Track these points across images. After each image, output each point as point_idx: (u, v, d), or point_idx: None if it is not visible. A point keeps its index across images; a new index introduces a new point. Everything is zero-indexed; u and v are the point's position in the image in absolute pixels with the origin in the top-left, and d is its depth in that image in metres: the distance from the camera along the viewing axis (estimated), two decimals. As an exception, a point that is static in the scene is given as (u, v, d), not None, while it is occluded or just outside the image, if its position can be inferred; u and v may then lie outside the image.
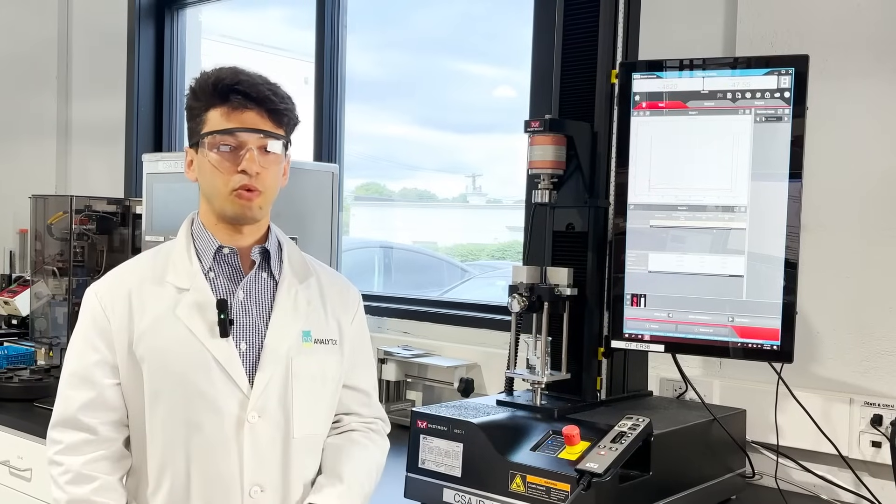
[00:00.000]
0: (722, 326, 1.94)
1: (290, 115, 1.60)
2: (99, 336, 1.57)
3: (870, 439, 2.12)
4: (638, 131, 2.00)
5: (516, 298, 2.00)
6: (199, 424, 1.54)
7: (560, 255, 2.10)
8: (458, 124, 3.76)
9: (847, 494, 2.15)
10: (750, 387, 2.25)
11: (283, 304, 1.62)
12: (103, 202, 3.41)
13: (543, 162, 2.03)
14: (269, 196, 1.59)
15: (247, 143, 1.54)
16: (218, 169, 1.54)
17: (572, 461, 1.72)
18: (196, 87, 1.58)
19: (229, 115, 1.54)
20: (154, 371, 1.54)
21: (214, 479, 1.54)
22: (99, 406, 1.57)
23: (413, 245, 4.19)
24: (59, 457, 1.57)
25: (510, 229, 3.69)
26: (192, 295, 1.57)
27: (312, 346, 1.62)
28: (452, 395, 2.71)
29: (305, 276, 1.67)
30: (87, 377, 1.57)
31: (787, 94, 1.88)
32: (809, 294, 2.11)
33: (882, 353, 2.15)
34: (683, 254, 1.97)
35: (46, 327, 3.41)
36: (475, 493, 1.84)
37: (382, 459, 1.74)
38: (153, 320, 1.56)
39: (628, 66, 2.03)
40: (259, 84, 1.56)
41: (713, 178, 1.94)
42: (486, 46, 3.56)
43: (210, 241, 1.61)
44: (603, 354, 2.07)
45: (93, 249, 3.36)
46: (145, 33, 4.19)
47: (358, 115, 3.64)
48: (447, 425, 1.90)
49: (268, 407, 1.57)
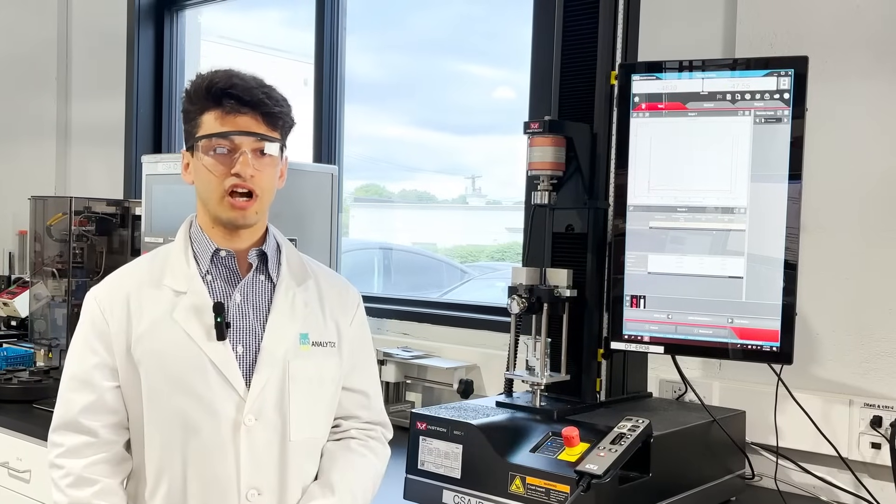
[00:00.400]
0: (721, 328, 1.94)
1: (285, 117, 1.60)
2: (98, 339, 1.58)
3: (869, 441, 2.12)
4: (637, 132, 1.99)
5: (516, 300, 2.00)
6: (195, 427, 1.54)
7: (559, 257, 2.10)
8: (458, 126, 3.76)
9: (847, 496, 2.15)
10: (749, 388, 2.25)
11: (280, 307, 1.61)
12: (103, 203, 3.41)
13: (543, 163, 2.03)
14: (265, 200, 1.59)
15: (241, 146, 1.54)
16: (212, 172, 1.54)
17: (572, 462, 1.72)
18: (191, 91, 1.57)
19: (223, 118, 1.54)
20: (151, 374, 1.55)
21: (211, 482, 1.54)
22: (99, 409, 1.57)
23: (413, 246, 4.19)
24: (60, 460, 1.57)
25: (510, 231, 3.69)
26: (189, 298, 1.57)
27: (310, 349, 1.62)
28: (452, 397, 2.71)
29: (303, 278, 1.67)
30: (88, 380, 1.57)
31: (787, 96, 1.88)
32: (809, 295, 2.11)
33: (882, 355, 2.15)
34: (683, 255, 1.97)
35: (46, 329, 3.40)
36: (475, 494, 1.83)
37: (381, 468, 1.73)
38: (151, 323, 1.56)
39: (628, 67, 2.03)
40: (253, 87, 1.55)
41: (713, 179, 1.94)
42: (486, 47, 3.56)
43: (207, 243, 1.61)
44: (602, 356, 2.07)
45: (92, 251, 3.36)
46: (145, 34, 4.19)
47: (357, 116, 3.64)
48: (447, 427, 1.90)
49: (264, 410, 1.56)
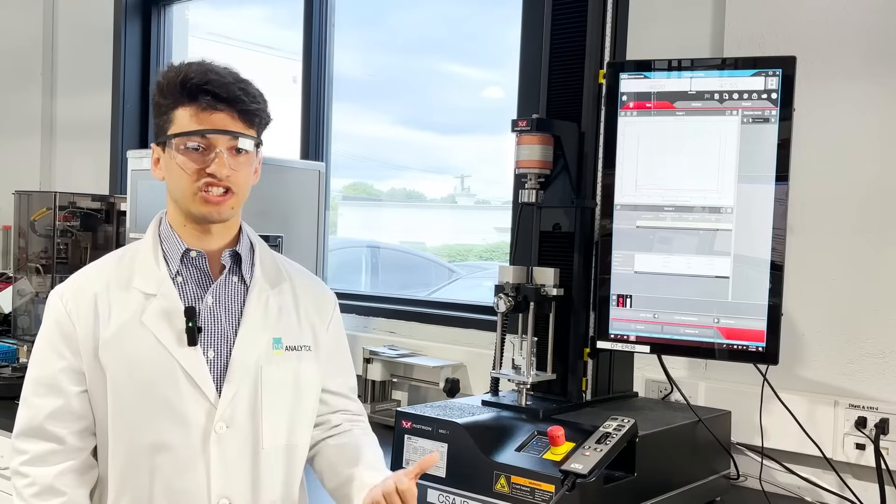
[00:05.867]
0: (707, 328, 1.94)
1: (262, 114, 1.54)
2: (64, 342, 1.50)
3: (854, 441, 2.12)
4: (625, 131, 1.99)
5: (502, 298, 1.99)
6: (164, 435, 1.47)
7: (546, 256, 2.09)
8: (446, 125, 3.76)
9: (831, 497, 2.15)
10: (735, 388, 2.25)
11: (252, 312, 1.56)
12: (87, 199, 3.39)
13: (530, 161, 2.03)
14: (241, 197, 1.53)
15: (216, 144, 1.48)
16: (185, 170, 1.48)
17: (557, 462, 1.72)
18: (163, 84, 1.50)
19: (198, 115, 1.47)
20: (119, 379, 1.48)
21: (179, 493, 1.49)
22: (66, 415, 1.50)
23: (400, 245, 4.18)
24: (25, 468, 1.49)
25: (498, 230, 3.69)
26: (159, 301, 1.51)
27: (284, 354, 1.57)
28: (438, 396, 2.70)
29: (278, 280, 1.62)
30: (54, 385, 1.50)
31: (775, 96, 1.88)
32: (795, 296, 2.11)
33: (867, 356, 2.16)
34: (670, 255, 1.97)
35: (29, 325, 3.39)
36: (459, 493, 1.83)
37: None
38: (119, 327, 1.49)
39: (616, 66, 2.03)
40: (230, 83, 1.49)
41: (700, 178, 1.94)
42: (474, 47, 3.55)
43: (177, 243, 1.55)
44: (588, 355, 2.07)
45: (76, 246, 3.34)
46: (131, 30, 4.17)
47: (346, 114, 3.63)
48: (432, 425, 1.89)
49: (236, 417, 1.51)
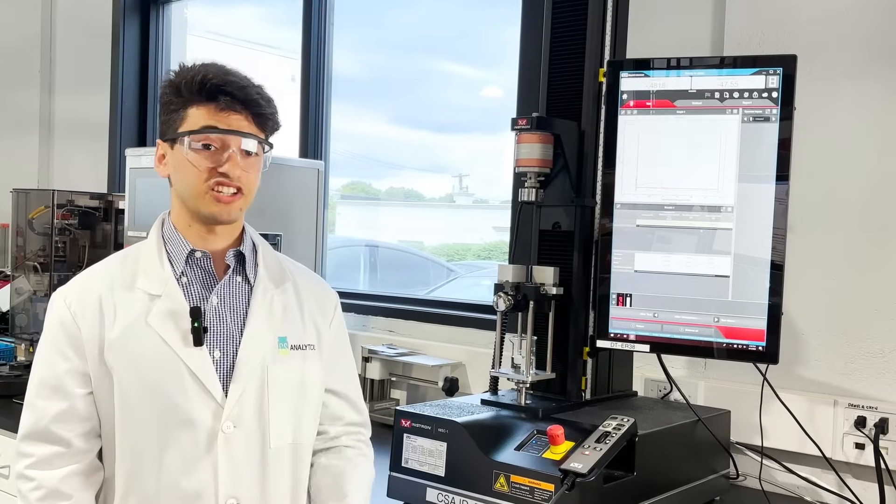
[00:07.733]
0: (707, 327, 1.93)
1: (274, 119, 1.56)
2: (69, 344, 1.49)
3: (853, 441, 2.12)
4: (625, 130, 1.99)
5: (502, 297, 1.99)
6: (171, 435, 1.47)
7: (546, 254, 2.09)
8: (444, 124, 3.75)
9: (830, 496, 2.15)
10: (734, 388, 2.25)
11: (257, 311, 1.57)
12: (86, 197, 3.38)
13: (530, 160, 2.03)
14: (249, 198, 1.55)
15: (230, 145, 1.50)
16: (196, 167, 1.49)
17: (556, 461, 1.71)
18: (178, 82, 1.51)
19: (215, 115, 1.49)
20: (125, 380, 1.47)
21: (187, 493, 1.48)
22: (72, 417, 1.49)
23: (399, 244, 4.18)
24: (30, 471, 1.48)
25: (496, 229, 3.68)
26: (164, 302, 1.51)
27: (289, 353, 1.58)
28: (437, 395, 2.70)
29: (281, 279, 1.63)
30: (59, 387, 1.49)
31: (775, 95, 1.88)
32: (795, 295, 2.11)
33: (867, 355, 2.15)
34: (670, 254, 1.96)
35: (27, 323, 3.38)
36: (459, 492, 1.82)
37: (373, 472, 1.71)
38: (124, 328, 1.49)
39: (616, 64, 2.03)
40: (247, 86, 1.51)
41: (700, 177, 1.94)
42: (472, 47, 3.54)
43: (182, 244, 1.55)
44: (588, 354, 2.07)
45: (75, 245, 3.33)
46: (130, 28, 4.16)
47: (344, 113, 3.62)
48: (431, 424, 1.89)
49: (243, 417, 1.51)
